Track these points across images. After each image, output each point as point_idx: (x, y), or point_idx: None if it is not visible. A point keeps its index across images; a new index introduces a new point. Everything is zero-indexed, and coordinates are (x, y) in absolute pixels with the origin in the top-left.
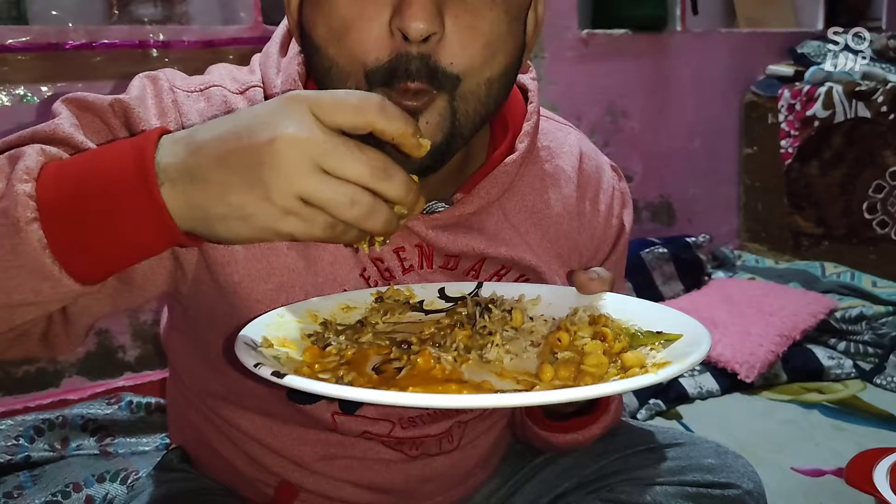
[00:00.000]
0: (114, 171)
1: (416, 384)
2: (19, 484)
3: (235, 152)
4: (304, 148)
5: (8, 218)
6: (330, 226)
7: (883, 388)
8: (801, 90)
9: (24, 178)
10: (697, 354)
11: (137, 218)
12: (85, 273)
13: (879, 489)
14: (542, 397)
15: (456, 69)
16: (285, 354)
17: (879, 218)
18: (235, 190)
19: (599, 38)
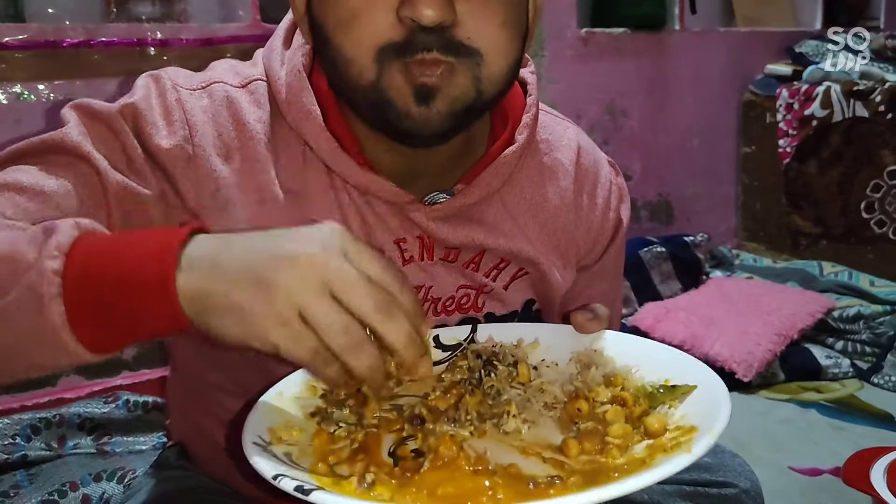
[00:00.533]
0: (138, 259)
1: (444, 479)
2: (16, 483)
3: (257, 257)
4: (322, 268)
5: (34, 293)
6: (315, 351)
7: (880, 387)
8: (800, 89)
9: (55, 253)
10: (723, 416)
11: (150, 306)
12: (100, 346)
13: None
14: (586, 498)
15: (475, 44)
16: (296, 449)
17: (877, 217)
18: (243, 287)
19: (599, 36)
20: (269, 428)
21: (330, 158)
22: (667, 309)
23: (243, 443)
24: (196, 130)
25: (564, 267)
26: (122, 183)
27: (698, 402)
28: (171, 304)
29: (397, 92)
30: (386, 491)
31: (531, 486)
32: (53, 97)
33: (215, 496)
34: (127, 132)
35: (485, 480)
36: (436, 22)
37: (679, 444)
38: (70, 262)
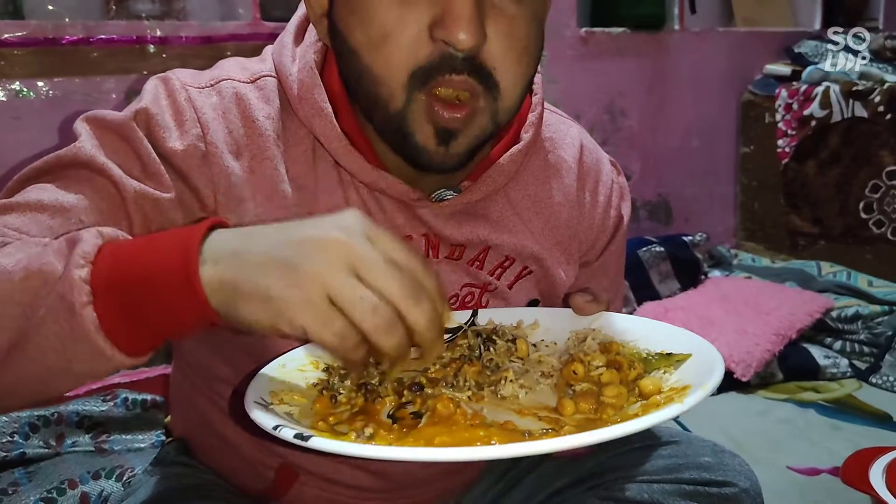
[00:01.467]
0: (161, 257)
1: (441, 432)
2: (14, 480)
3: (282, 244)
4: (347, 251)
5: (65, 302)
6: (342, 333)
7: (878, 387)
8: (799, 90)
9: (81, 262)
10: (717, 375)
11: (177, 301)
12: (134, 349)
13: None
14: (579, 439)
15: (497, 75)
16: (297, 409)
17: (875, 217)
18: (268, 272)
19: (598, 36)
20: (271, 391)
21: (340, 155)
22: (665, 308)
23: (245, 400)
24: (208, 128)
25: (568, 263)
26: (140, 189)
27: (693, 367)
28: (197, 296)
29: (420, 127)
30: (384, 443)
31: (526, 436)
32: (52, 94)
33: (215, 493)
34: (140, 138)
35: (480, 431)
36: (469, 46)
37: (672, 400)
38: (96, 269)
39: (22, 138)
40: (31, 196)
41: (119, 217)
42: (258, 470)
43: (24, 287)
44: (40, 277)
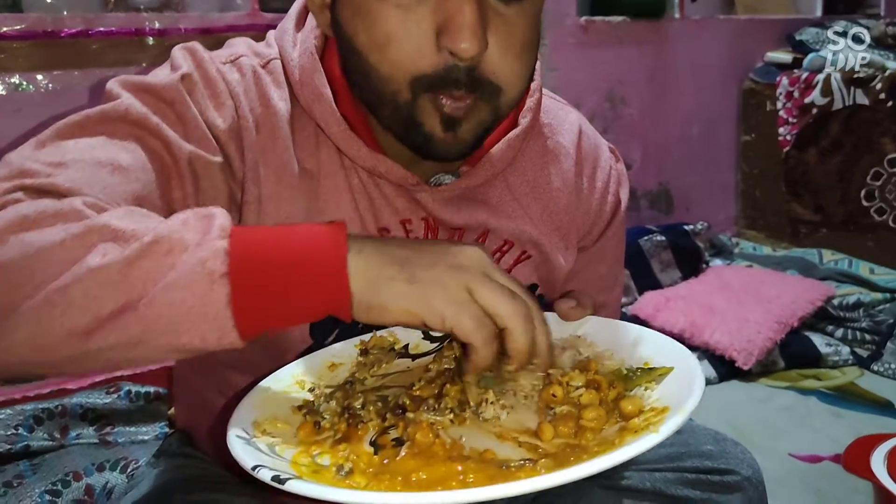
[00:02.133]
0: (305, 244)
1: (419, 466)
2: (19, 473)
3: (424, 245)
4: (483, 262)
5: (205, 268)
6: (481, 320)
7: (880, 374)
8: (800, 77)
9: (221, 234)
10: (695, 395)
11: (319, 286)
12: (248, 331)
13: (877, 475)
14: (555, 479)
15: (498, 80)
16: (280, 439)
17: (877, 205)
18: (414, 261)
19: (598, 24)
20: (253, 422)
21: (340, 140)
22: (666, 298)
23: (227, 437)
24: (238, 101)
25: (566, 248)
26: (194, 152)
27: (674, 383)
28: (341, 279)
29: (427, 117)
30: (363, 479)
31: (503, 468)
32: (52, 87)
33: (217, 485)
34: (187, 102)
35: (458, 466)
36: (473, 55)
37: (649, 425)
38: (233, 244)
39: (22, 131)
40: (83, 151)
41: (171, 178)
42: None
43: (151, 251)
44: (170, 244)
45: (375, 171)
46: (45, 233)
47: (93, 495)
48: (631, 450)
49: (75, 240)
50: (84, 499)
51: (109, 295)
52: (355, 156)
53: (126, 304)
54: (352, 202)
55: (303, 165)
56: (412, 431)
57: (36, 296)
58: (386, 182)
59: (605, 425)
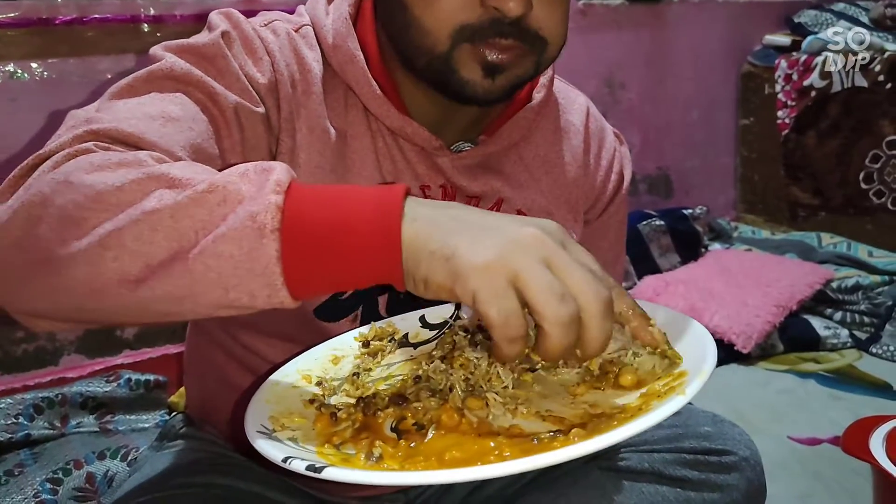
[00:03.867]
0: (360, 207)
1: (451, 445)
2: (20, 462)
3: (483, 221)
4: (545, 245)
5: (255, 222)
6: (510, 315)
7: (879, 357)
8: (798, 60)
9: (277, 189)
10: (710, 360)
11: (371, 251)
12: (299, 289)
13: (875, 457)
14: (596, 444)
15: (544, 33)
16: (300, 432)
17: (876, 188)
18: (462, 235)
19: (597, 8)
20: (269, 416)
21: (370, 100)
22: (666, 282)
23: (247, 432)
24: (275, 58)
25: (575, 221)
26: (238, 102)
27: (686, 349)
28: (394, 249)
29: (466, 66)
30: (394, 463)
31: (535, 442)
32: (47, 75)
33: (219, 466)
34: (228, 57)
35: (490, 442)
36: (519, 14)
37: (672, 389)
38: (289, 200)
39: (18, 120)
40: (133, 108)
41: (221, 128)
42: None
43: (205, 199)
44: (224, 194)
45: (402, 132)
46: (107, 176)
47: (94, 483)
48: (663, 411)
49: (133, 185)
50: (85, 487)
51: (161, 241)
52: (384, 116)
53: (177, 252)
54: (376, 163)
55: (333, 123)
56: (435, 414)
57: (91, 237)
58: (409, 147)
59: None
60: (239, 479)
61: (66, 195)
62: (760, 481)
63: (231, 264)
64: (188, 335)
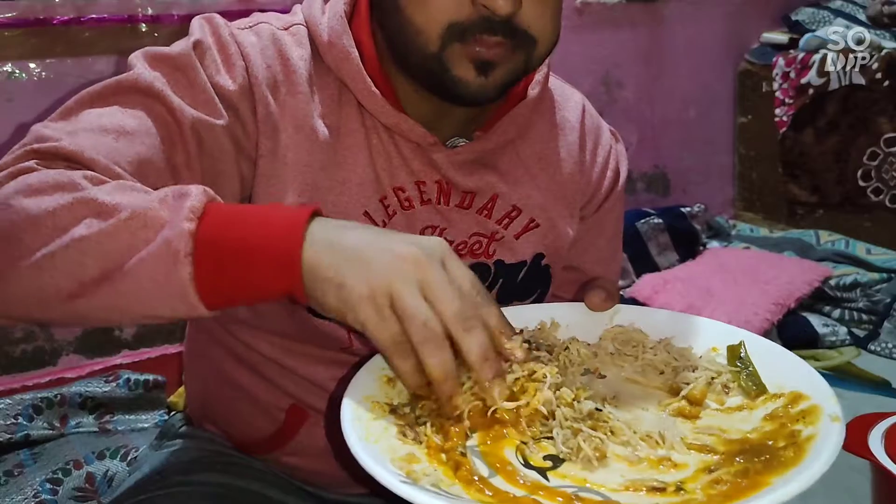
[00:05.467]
0: (266, 230)
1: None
2: (20, 462)
3: (370, 245)
4: (421, 268)
5: (170, 248)
6: (395, 339)
7: (877, 354)
8: (796, 58)
9: (190, 216)
10: (821, 383)
11: (274, 273)
12: (215, 303)
13: (874, 454)
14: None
15: (533, 31)
16: (436, 478)
17: (874, 185)
18: (349, 265)
19: (594, 6)
20: (391, 460)
21: (365, 97)
22: (664, 280)
23: (390, 486)
24: (250, 61)
25: (571, 217)
26: (197, 116)
27: (774, 363)
28: (294, 274)
29: (458, 64)
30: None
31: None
32: (45, 75)
33: (217, 464)
34: (197, 68)
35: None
36: (508, 12)
37: (805, 415)
38: (202, 225)
39: (15, 120)
40: (93, 120)
41: (175, 143)
42: (270, 412)
43: (127, 226)
44: (144, 220)
45: (397, 128)
46: (41, 201)
47: (94, 483)
48: (832, 442)
49: (64, 210)
50: (85, 487)
51: (90, 263)
52: (378, 112)
53: (104, 273)
54: (369, 160)
55: (324, 121)
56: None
57: (30, 258)
58: (404, 143)
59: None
60: (238, 477)
61: (5, 216)
62: None
63: (152, 285)
64: (188, 333)
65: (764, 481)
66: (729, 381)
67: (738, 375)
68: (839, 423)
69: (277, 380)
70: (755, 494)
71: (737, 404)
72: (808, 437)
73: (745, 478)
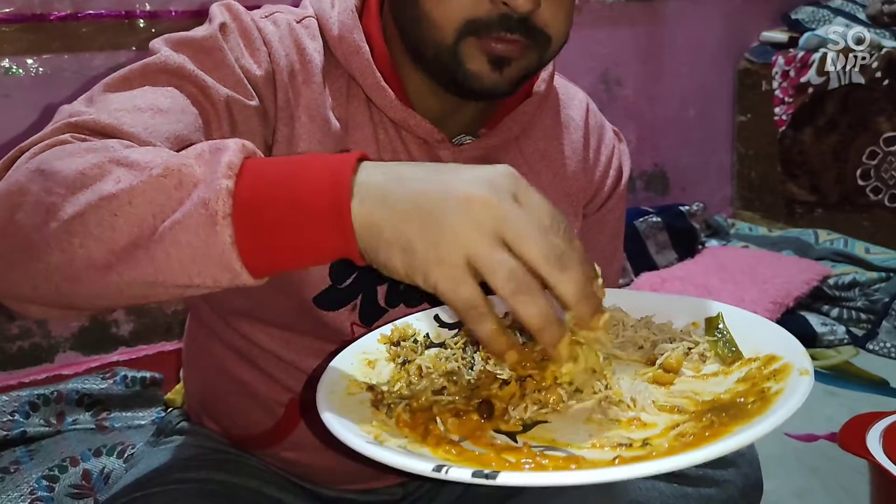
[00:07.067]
0: (310, 184)
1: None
2: (16, 459)
3: (428, 193)
4: (492, 212)
5: (207, 209)
6: (472, 301)
7: (875, 353)
8: (796, 56)
9: (228, 173)
10: (792, 342)
11: (324, 232)
12: (260, 270)
13: (872, 453)
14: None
15: (549, 31)
16: (407, 442)
17: (873, 184)
18: (413, 222)
19: (593, 5)
20: (360, 428)
21: (373, 91)
22: (663, 279)
23: (354, 446)
24: (272, 48)
25: (575, 215)
26: (230, 96)
27: (746, 329)
28: (346, 231)
29: (472, 58)
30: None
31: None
32: (42, 71)
33: (215, 461)
34: (224, 50)
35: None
36: (528, 10)
37: (779, 372)
38: (241, 183)
39: (12, 117)
40: (124, 100)
41: (211, 121)
42: (270, 407)
43: (160, 184)
44: (179, 178)
45: (404, 123)
46: (72, 162)
47: (90, 480)
48: (800, 392)
49: (94, 168)
50: (82, 484)
51: (122, 226)
52: (387, 107)
53: (138, 238)
54: (377, 155)
55: (335, 112)
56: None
57: (58, 222)
58: (411, 139)
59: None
60: (235, 474)
61: (39, 182)
62: (757, 477)
63: (189, 252)
64: (187, 327)
65: (727, 430)
66: (706, 351)
67: (715, 344)
68: (808, 375)
69: (277, 374)
70: (717, 440)
71: (713, 371)
72: (776, 392)
73: (710, 429)
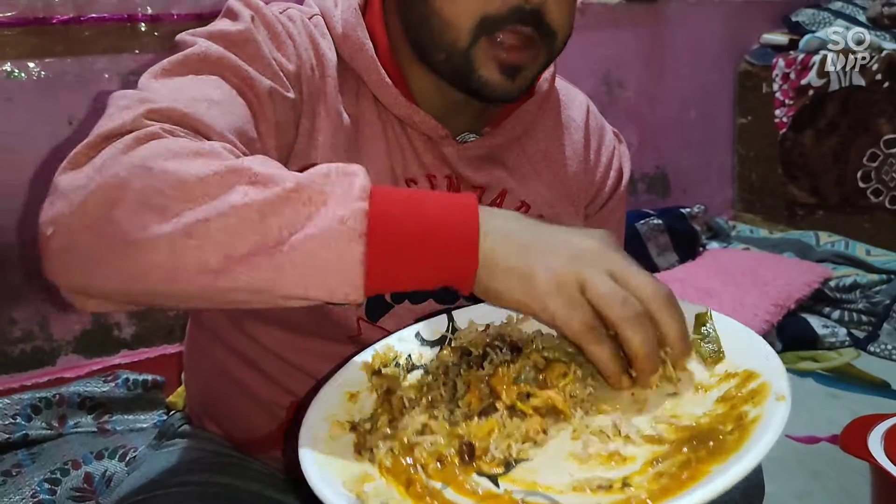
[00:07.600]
0: (440, 213)
1: None
2: (18, 462)
3: (548, 235)
4: (605, 255)
5: (345, 226)
6: (588, 322)
7: (876, 355)
8: (796, 59)
9: (362, 195)
10: (771, 356)
11: (450, 261)
12: (376, 287)
13: (874, 455)
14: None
15: (555, 25)
16: (387, 492)
17: (873, 186)
18: (532, 255)
19: (595, 7)
20: (343, 483)
21: (378, 88)
22: (664, 281)
23: None
24: (295, 42)
25: (576, 214)
26: (272, 87)
27: (727, 340)
28: (470, 263)
29: (485, 63)
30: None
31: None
32: (44, 75)
33: (217, 465)
34: (261, 42)
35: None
36: (540, 2)
37: (757, 393)
38: (373, 205)
39: (15, 120)
40: (177, 90)
41: (257, 112)
42: (271, 410)
43: (291, 198)
44: (309, 193)
45: (409, 120)
46: (188, 164)
47: (92, 483)
48: (777, 420)
49: (217, 177)
50: (83, 487)
51: (247, 235)
52: (392, 104)
53: (261, 247)
54: (386, 151)
55: (347, 109)
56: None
57: (175, 225)
58: (417, 136)
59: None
60: (237, 477)
61: (144, 180)
62: (759, 479)
63: (317, 263)
64: (188, 330)
65: (705, 470)
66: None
67: (699, 343)
68: (784, 401)
69: (279, 377)
70: (694, 485)
71: (696, 381)
72: (753, 420)
73: (686, 469)
